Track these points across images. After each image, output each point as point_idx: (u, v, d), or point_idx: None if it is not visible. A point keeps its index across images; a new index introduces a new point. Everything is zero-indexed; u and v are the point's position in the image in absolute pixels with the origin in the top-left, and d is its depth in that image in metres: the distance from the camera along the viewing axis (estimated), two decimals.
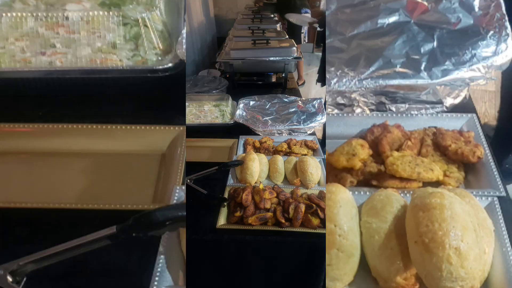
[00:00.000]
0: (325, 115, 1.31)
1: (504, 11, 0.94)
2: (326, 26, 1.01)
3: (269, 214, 0.89)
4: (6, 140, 0.87)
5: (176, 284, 0.63)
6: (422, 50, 0.94)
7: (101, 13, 0.92)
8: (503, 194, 0.76)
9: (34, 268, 0.57)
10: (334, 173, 0.86)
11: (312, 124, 1.31)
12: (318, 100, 1.44)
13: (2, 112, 0.89)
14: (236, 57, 1.69)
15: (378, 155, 0.87)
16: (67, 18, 0.91)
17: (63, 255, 0.58)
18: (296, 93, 1.76)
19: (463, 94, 1.00)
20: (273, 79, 1.88)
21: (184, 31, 0.94)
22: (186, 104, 1.42)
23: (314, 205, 0.88)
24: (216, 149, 1.24)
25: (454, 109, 0.99)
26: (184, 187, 0.78)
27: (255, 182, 1.04)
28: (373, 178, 0.83)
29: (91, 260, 0.66)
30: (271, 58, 1.67)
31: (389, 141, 0.87)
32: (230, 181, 1.04)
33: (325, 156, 0.93)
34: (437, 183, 0.81)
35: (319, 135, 1.43)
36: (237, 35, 2.07)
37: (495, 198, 0.75)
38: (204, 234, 0.85)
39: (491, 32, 0.92)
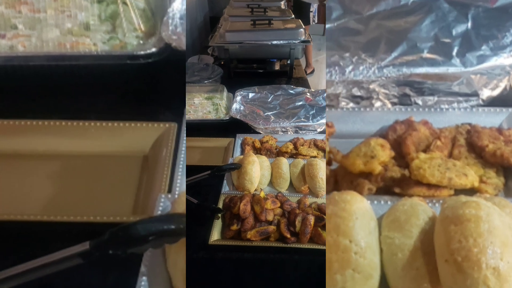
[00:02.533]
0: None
1: None
2: (339, 4, 1.01)
3: (272, 227, 0.89)
4: None
5: None
6: (454, 32, 0.94)
7: None
8: None
9: None
10: (349, 179, 0.85)
11: (323, 121, 1.31)
12: None
13: None
14: (232, 41, 1.69)
15: (401, 157, 0.87)
16: None
17: (26, 277, 0.57)
18: (304, 83, 1.77)
19: (502, 85, 1.00)
20: (277, 67, 1.88)
21: (181, 7, 0.93)
22: None
23: (325, 217, 0.88)
24: (209, 150, 1.24)
25: (492, 102, 0.99)
26: (170, 195, 0.78)
27: (255, 190, 1.04)
28: (395, 185, 0.83)
29: (60, 282, 0.65)
30: (274, 42, 1.67)
31: (415, 141, 0.87)
32: (225, 188, 1.04)
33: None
34: (471, 191, 0.81)
35: None
36: (233, 14, 2.07)
37: None
38: (194, 251, 0.85)
39: None
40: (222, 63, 1.86)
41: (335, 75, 0.96)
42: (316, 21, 4.53)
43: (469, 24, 0.93)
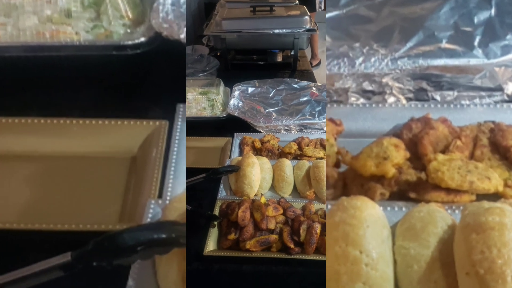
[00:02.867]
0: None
1: None
2: None
3: (273, 236, 0.89)
4: None
5: None
6: (475, 20, 0.94)
7: None
8: None
9: None
10: (360, 183, 0.85)
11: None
12: None
13: None
14: (229, 29, 1.70)
15: (417, 158, 0.87)
16: None
17: None
18: (309, 76, 1.77)
19: None
20: (279, 59, 1.89)
21: None
22: None
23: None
24: (203, 151, 1.24)
25: None
26: (160, 201, 0.78)
27: (255, 195, 1.04)
28: (411, 189, 0.82)
29: None
30: (276, 31, 1.67)
31: (432, 140, 0.87)
32: (222, 193, 1.04)
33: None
34: (495, 196, 0.80)
35: None
36: (231, 0, 2.08)
37: None
38: (188, 263, 0.84)
39: None
40: (219, 54, 1.86)
41: (344, 67, 0.96)
42: (322, 8, 4.53)
43: (493, 11, 0.94)
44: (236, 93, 1.48)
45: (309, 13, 1.76)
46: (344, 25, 1.01)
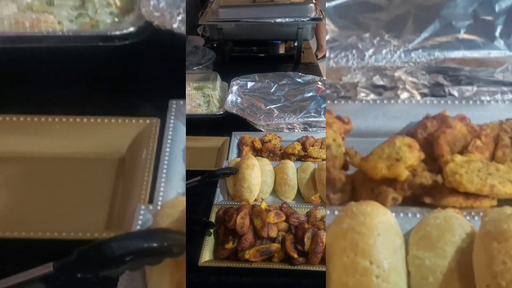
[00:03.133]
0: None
1: None
2: None
3: (275, 245, 0.89)
4: None
5: None
6: (497, 8, 0.94)
7: None
8: None
9: None
10: (370, 187, 0.85)
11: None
12: None
13: None
14: (227, 18, 1.69)
15: (433, 160, 0.87)
16: None
17: None
18: (315, 70, 1.77)
19: None
20: (281, 50, 1.89)
21: None
22: None
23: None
24: (198, 152, 1.24)
25: None
26: (151, 207, 0.78)
27: (255, 200, 1.04)
28: (426, 194, 0.82)
29: None
30: (278, 20, 1.67)
31: (450, 140, 0.87)
32: (219, 198, 1.04)
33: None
34: None
35: None
36: None
37: None
38: None
39: None
40: (215, 45, 1.86)
41: (352, 60, 0.96)
42: None
43: None
44: (234, 88, 1.47)
45: (314, 1, 1.76)
46: (353, 13, 1.01)
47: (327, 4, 1.02)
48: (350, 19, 1.01)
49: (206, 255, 0.89)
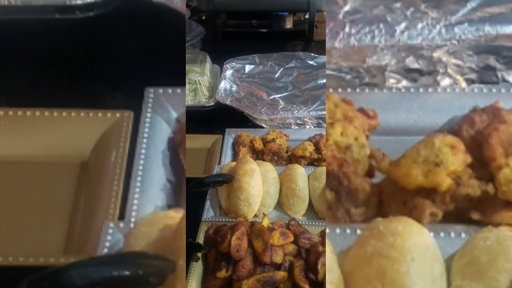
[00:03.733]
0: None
1: None
2: None
3: (281, 274, 0.88)
4: None
5: None
6: None
7: None
8: None
9: None
10: (401, 198, 0.86)
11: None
12: None
13: None
14: None
15: (482, 165, 0.87)
16: None
17: None
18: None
19: None
20: (288, 25, 1.89)
21: None
22: None
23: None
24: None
25: None
26: (122, 224, 0.78)
27: (255, 215, 1.04)
28: (473, 208, 0.82)
29: None
30: None
31: (504, 139, 0.87)
32: (209, 212, 1.05)
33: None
34: None
35: None
36: None
37: None
38: None
39: None
40: (204, 18, 1.86)
41: (380, 36, 0.97)
42: None
43: None
44: (228, 72, 1.48)
45: None
46: None
47: None
48: None
49: (193, 285, 0.89)
